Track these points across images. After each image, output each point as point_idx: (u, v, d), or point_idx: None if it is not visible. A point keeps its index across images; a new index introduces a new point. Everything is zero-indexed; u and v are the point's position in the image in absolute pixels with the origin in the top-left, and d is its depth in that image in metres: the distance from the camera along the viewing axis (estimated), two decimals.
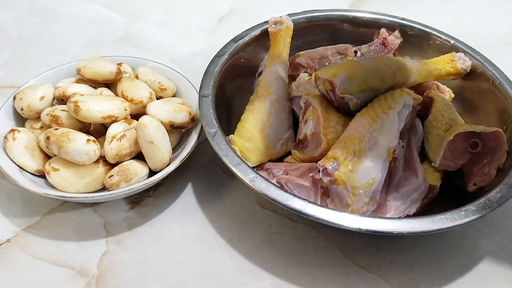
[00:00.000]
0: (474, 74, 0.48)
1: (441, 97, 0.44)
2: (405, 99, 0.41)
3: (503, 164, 0.40)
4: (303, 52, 0.51)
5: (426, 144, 0.42)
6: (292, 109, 0.46)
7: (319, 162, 0.39)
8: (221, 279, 0.38)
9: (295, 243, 0.40)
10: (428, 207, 0.41)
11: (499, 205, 0.35)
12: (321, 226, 0.40)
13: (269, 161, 0.43)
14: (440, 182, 0.41)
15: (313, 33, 0.53)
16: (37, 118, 0.43)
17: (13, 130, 0.41)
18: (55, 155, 0.39)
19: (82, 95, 0.40)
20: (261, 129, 0.43)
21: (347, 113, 0.42)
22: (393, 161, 0.39)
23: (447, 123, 0.42)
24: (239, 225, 0.41)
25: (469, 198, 0.37)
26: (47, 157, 0.41)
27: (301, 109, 0.45)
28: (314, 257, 0.39)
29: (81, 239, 0.40)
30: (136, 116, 0.42)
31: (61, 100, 0.43)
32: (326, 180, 0.38)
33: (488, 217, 0.38)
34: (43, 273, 0.37)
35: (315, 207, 0.34)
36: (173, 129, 0.43)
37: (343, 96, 0.41)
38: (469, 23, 0.69)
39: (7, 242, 0.39)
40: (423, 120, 0.43)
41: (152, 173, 0.41)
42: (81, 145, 0.38)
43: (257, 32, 0.50)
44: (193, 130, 0.44)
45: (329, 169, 0.38)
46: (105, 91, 0.45)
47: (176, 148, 0.44)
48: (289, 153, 0.44)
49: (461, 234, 0.42)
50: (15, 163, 0.41)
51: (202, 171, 0.46)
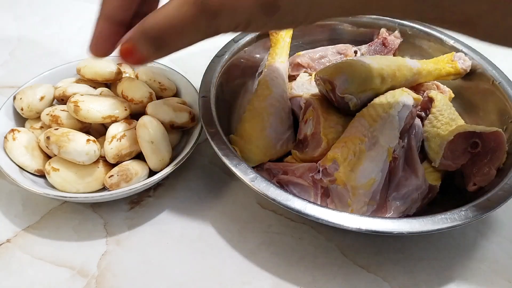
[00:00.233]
0: (474, 74, 0.48)
1: (441, 97, 0.44)
2: (405, 99, 0.41)
3: (503, 164, 0.40)
4: (303, 52, 0.51)
5: (426, 144, 0.42)
6: (292, 109, 0.46)
7: (319, 162, 0.39)
8: (221, 279, 0.38)
9: (295, 243, 0.40)
10: (428, 207, 0.41)
11: (499, 205, 0.35)
12: (321, 226, 0.40)
13: (269, 161, 0.43)
14: (440, 182, 0.41)
15: (313, 33, 0.53)
16: (37, 118, 0.43)
17: (13, 130, 0.41)
18: (55, 155, 0.39)
19: (82, 95, 0.40)
20: (261, 129, 0.43)
21: (347, 113, 0.42)
22: (393, 161, 0.39)
23: (447, 123, 0.42)
24: (239, 225, 0.41)
25: (469, 198, 0.37)
26: (47, 157, 0.41)
27: (301, 109, 0.45)
28: (314, 257, 0.39)
29: (81, 239, 0.40)
30: (136, 116, 0.42)
31: (61, 100, 0.43)
32: (326, 180, 0.38)
33: (488, 217, 0.38)
34: (43, 273, 0.37)
35: (315, 207, 0.34)
36: (173, 129, 0.43)
37: (343, 96, 0.41)
38: None
39: (7, 242, 0.39)
40: (423, 120, 0.44)
41: (152, 173, 0.41)
42: (81, 145, 0.38)
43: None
44: (193, 130, 0.44)
45: (329, 169, 0.38)
46: (105, 91, 0.45)
47: (176, 148, 0.44)
48: (289, 153, 0.44)
49: (461, 234, 0.42)
50: (15, 163, 0.40)
51: (202, 171, 0.46)
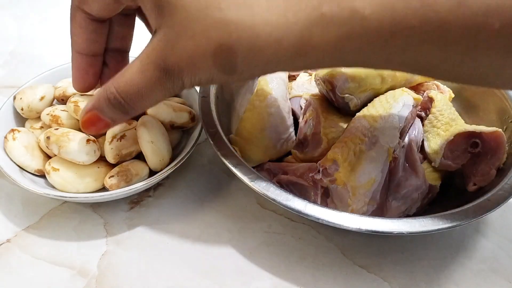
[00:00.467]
0: None
1: (441, 97, 0.44)
2: (405, 99, 0.41)
3: (503, 164, 0.40)
4: None
5: (426, 144, 0.42)
6: (292, 109, 0.46)
7: (319, 162, 0.39)
8: (221, 279, 0.38)
9: (295, 243, 0.40)
10: (428, 207, 0.41)
11: (499, 205, 0.35)
12: (321, 226, 0.41)
13: (269, 161, 0.43)
14: (440, 182, 0.41)
15: None
16: (37, 118, 0.43)
17: (13, 130, 0.41)
18: (55, 155, 0.39)
19: (82, 95, 0.40)
20: (261, 129, 0.43)
21: (347, 113, 0.42)
22: (393, 161, 0.39)
23: (447, 123, 0.42)
24: (239, 225, 0.41)
25: (469, 198, 0.37)
26: (47, 157, 0.41)
27: (301, 109, 0.45)
28: (314, 257, 0.39)
29: (81, 239, 0.40)
30: (136, 116, 0.42)
31: (61, 100, 0.43)
32: (326, 180, 0.38)
33: (488, 217, 0.38)
34: (43, 273, 0.37)
35: (315, 207, 0.34)
36: (173, 129, 0.43)
37: (343, 96, 0.41)
38: None
39: (7, 242, 0.39)
40: (423, 120, 0.44)
41: (152, 173, 0.41)
42: (81, 145, 0.38)
43: None
44: (193, 130, 0.44)
45: (329, 169, 0.38)
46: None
47: (176, 148, 0.44)
48: (289, 153, 0.44)
49: (461, 234, 0.42)
50: (15, 163, 0.40)
51: (202, 171, 0.46)
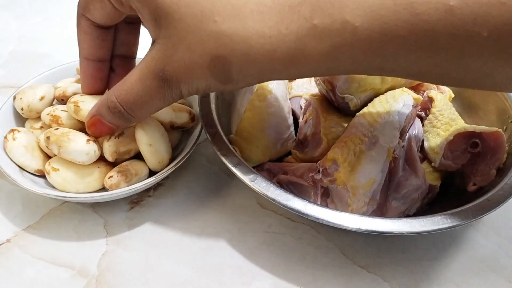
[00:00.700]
0: None
1: (441, 97, 0.44)
2: (405, 99, 0.41)
3: (503, 164, 0.40)
4: None
5: (426, 144, 0.42)
6: (292, 109, 0.46)
7: (319, 162, 0.39)
8: (221, 279, 0.38)
9: (295, 243, 0.40)
10: (428, 207, 0.41)
11: (499, 205, 0.35)
12: (321, 226, 0.41)
13: (269, 161, 0.43)
14: (440, 182, 0.41)
15: None
16: (37, 118, 0.43)
17: (13, 130, 0.41)
18: (55, 155, 0.39)
19: (82, 95, 0.40)
20: (261, 129, 0.43)
21: (347, 113, 0.42)
22: (393, 161, 0.39)
23: (447, 123, 0.42)
24: (239, 225, 0.41)
25: (469, 198, 0.37)
26: (47, 157, 0.41)
27: (301, 109, 0.45)
28: (314, 257, 0.39)
29: (81, 239, 0.40)
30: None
31: (61, 100, 0.43)
32: (326, 180, 0.38)
33: (488, 217, 0.38)
34: (43, 273, 0.37)
35: (315, 207, 0.34)
36: (173, 129, 0.43)
37: (343, 96, 0.41)
38: None
39: (7, 242, 0.39)
40: (423, 120, 0.44)
41: (152, 173, 0.41)
42: (81, 145, 0.38)
43: None
44: (193, 130, 0.44)
45: (329, 169, 0.38)
46: (105, 91, 0.44)
47: (176, 148, 0.44)
48: (289, 153, 0.44)
49: (461, 234, 0.42)
50: (15, 163, 0.40)
51: (202, 171, 0.46)
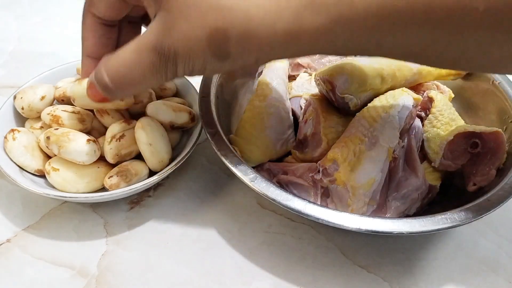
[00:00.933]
0: (474, 74, 0.48)
1: (441, 97, 0.44)
2: (405, 99, 0.41)
3: (503, 164, 0.40)
4: None
5: (426, 144, 0.42)
6: (292, 109, 0.46)
7: (319, 162, 0.39)
8: (221, 279, 0.38)
9: (295, 243, 0.40)
10: (428, 207, 0.41)
11: (499, 205, 0.35)
12: (321, 226, 0.41)
13: (269, 161, 0.43)
14: (440, 182, 0.41)
15: None
16: (37, 118, 0.43)
17: (13, 130, 0.41)
18: (55, 155, 0.39)
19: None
20: (261, 129, 0.43)
21: (347, 113, 0.42)
22: (393, 161, 0.39)
23: (447, 123, 0.42)
24: (239, 225, 0.41)
25: (469, 198, 0.37)
26: (47, 157, 0.41)
27: (301, 109, 0.45)
28: (314, 257, 0.39)
29: (81, 239, 0.40)
30: (136, 116, 0.42)
31: (62, 100, 0.43)
32: (326, 180, 0.38)
33: (488, 217, 0.38)
34: (43, 273, 0.37)
35: (315, 207, 0.34)
36: (173, 129, 0.43)
37: (343, 96, 0.41)
38: None
39: (7, 242, 0.39)
40: (423, 120, 0.43)
41: (152, 172, 0.41)
42: (81, 145, 0.38)
43: None
44: (193, 130, 0.44)
45: (329, 169, 0.38)
46: None
47: (176, 148, 0.44)
48: (289, 153, 0.44)
49: (461, 234, 0.42)
50: (15, 163, 0.40)
51: (202, 171, 0.46)
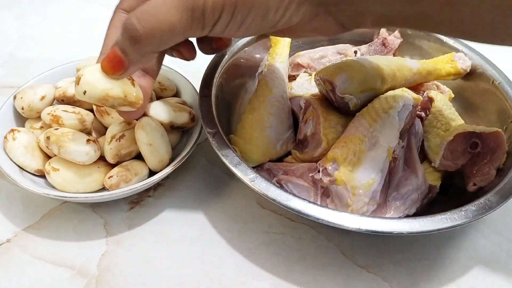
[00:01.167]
0: (474, 74, 0.48)
1: (441, 97, 0.44)
2: (405, 99, 0.41)
3: (503, 164, 0.40)
4: (303, 52, 0.51)
5: (426, 144, 0.42)
6: (292, 109, 0.46)
7: (319, 162, 0.39)
8: (221, 279, 0.38)
9: (295, 243, 0.40)
10: (428, 207, 0.41)
11: (499, 205, 0.35)
12: (321, 226, 0.40)
13: (269, 161, 0.43)
14: (440, 182, 0.41)
15: None
16: (37, 118, 0.43)
17: (13, 130, 0.41)
18: (55, 155, 0.39)
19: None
20: (261, 129, 0.43)
21: (347, 113, 0.42)
22: (393, 161, 0.39)
23: (447, 123, 0.42)
24: (239, 225, 0.41)
25: (469, 198, 0.37)
26: (47, 157, 0.41)
27: (301, 109, 0.45)
28: (314, 257, 0.39)
29: (81, 239, 0.40)
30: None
31: (62, 100, 0.43)
32: (326, 180, 0.38)
33: (488, 217, 0.38)
34: (43, 273, 0.37)
35: (315, 207, 0.34)
36: (173, 129, 0.43)
37: (343, 96, 0.41)
38: None
39: (7, 242, 0.39)
40: (423, 120, 0.44)
41: (152, 173, 0.41)
42: (81, 145, 0.38)
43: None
44: (193, 130, 0.44)
45: (329, 169, 0.38)
46: None
47: (176, 148, 0.44)
48: (289, 153, 0.44)
49: (461, 234, 0.42)
50: (15, 163, 0.40)
51: (202, 171, 0.46)
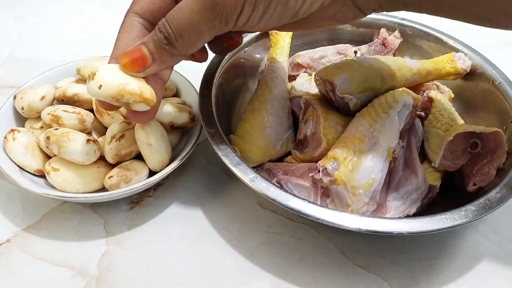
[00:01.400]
0: (474, 74, 0.48)
1: (441, 97, 0.44)
2: (405, 99, 0.41)
3: (503, 164, 0.40)
4: (303, 52, 0.51)
5: (426, 144, 0.42)
6: (292, 109, 0.46)
7: (319, 162, 0.39)
8: (221, 279, 0.38)
9: (295, 243, 0.40)
10: (428, 207, 0.41)
11: (499, 205, 0.35)
12: (321, 226, 0.40)
13: (269, 161, 0.43)
14: (440, 182, 0.41)
15: (313, 33, 0.53)
16: (37, 118, 0.43)
17: (13, 130, 0.41)
18: (55, 155, 0.39)
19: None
20: (261, 129, 0.43)
21: (347, 113, 0.42)
22: (393, 161, 0.39)
23: (447, 123, 0.42)
24: (239, 225, 0.41)
25: (469, 198, 0.37)
26: (47, 157, 0.41)
27: (301, 109, 0.45)
28: (314, 257, 0.39)
29: (81, 239, 0.40)
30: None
31: (62, 100, 0.43)
32: (326, 180, 0.38)
33: (488, 217, 0.38)
34: (43, 273, 0.37)
35: (315, 207, 0.34)
36: (173, 129, 0.43)
37: (343, 96, 0.41)
38: None
39: (7, 242, 0.39)
40: (423, 120, 0.43)
41: (152, 173, 0.41)
42: (81, 145, 0.38)
43: (257, 32, 0.49)
44: (193, 130, 0.44)
45: (329, 169, 0.38)
46: None
47: (176, 148, 0.44)
48: (289, 153, 0.44)
49: (461, 234, 0.42)
50: (15, 163, 0.40)
51: (202, 171, 0.46)
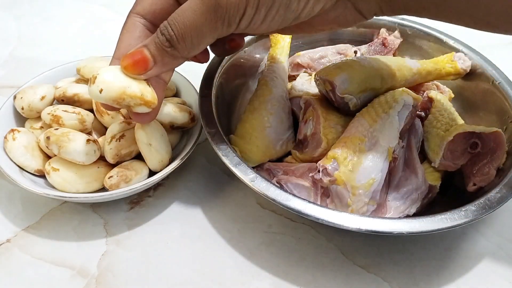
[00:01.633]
0: (474, 74, 0.48)
1: (441, 97, 0.44)
2: (405, 99, 0.41)
3: (503, 164, 0.40)
4: (303, 52, 0.51)
5: (426, 144, 0.42)
6: (292, 109, 0.46)
7: (319, 162, 0.39)
8: (221, 279, 0.38)
9: (295, 243, 0.40)
10: (428, 207, 0.41)
11: (499, 205, 0.35)
12: (321, 226, 0.40)
13: (269, 161, 0.43)
14: (440, 182, 0.41)
15: None
16: (37, 118, 0.43)
17: (13, 130, 0.41)
18: (55, 155, 0.39)
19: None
20: (261, 129, 0.43)
21: (347, 113, 0.42)
22: (393, 161, 0.39)
23: (447, 123, 0.42)
24: (239, 225, 0.41)
25: (469, 198, 0.37)
26: (47, 157, 0.41)
27: (301, 109, 0.45)
28: (314, 257, 0.39)
29: (81, 239, 0.40)
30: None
31: (62, 100, 0.43)
32: (326, 180, 0.38)
33: (488, 217, 0.38)
34: (43, 273, 0.37)
35: (315, 207, 0.34)
36: (173, 129, 0.43)
37: (343, 96, 0.41)
38: None
39: (7, 242, 0.39)
40: (423, 120, 0.43)
41: (152, 173, 0.41)
42: (81, 145, 0.38)
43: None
44: (193, 130, 0.44)
45: (329, 169, 0.38)
46: None
47: (176, 148, 0.44)
48: (289, 153, 0.44)
49: (461, 234, 0.42)
50: (15, 163, 0.40)
51: (202, 171, 0.46)
